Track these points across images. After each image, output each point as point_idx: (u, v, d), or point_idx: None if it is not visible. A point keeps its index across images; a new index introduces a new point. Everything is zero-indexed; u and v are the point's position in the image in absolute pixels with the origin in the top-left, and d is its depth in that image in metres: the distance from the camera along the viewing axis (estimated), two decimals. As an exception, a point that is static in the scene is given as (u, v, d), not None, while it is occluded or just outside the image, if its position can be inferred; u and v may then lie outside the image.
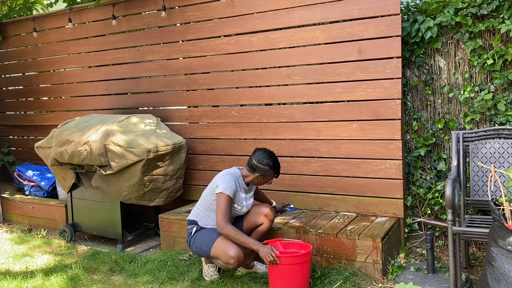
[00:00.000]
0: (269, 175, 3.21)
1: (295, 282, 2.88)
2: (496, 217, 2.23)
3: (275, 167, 3.22)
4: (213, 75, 4.25)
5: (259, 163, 3.18)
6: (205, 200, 3.24)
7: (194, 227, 3.22)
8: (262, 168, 3.17)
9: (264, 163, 3.17)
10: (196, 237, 3.16)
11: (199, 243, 3.14)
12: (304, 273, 2.91)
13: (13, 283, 3.26)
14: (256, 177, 3.21)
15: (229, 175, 3.17)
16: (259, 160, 3.18)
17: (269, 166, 3.18)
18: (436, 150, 3.66)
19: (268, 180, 3.25)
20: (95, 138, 3.84)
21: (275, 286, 2.93)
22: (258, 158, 3.19)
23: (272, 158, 3.21)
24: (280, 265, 2.87)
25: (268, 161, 3.18)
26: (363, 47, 3.55)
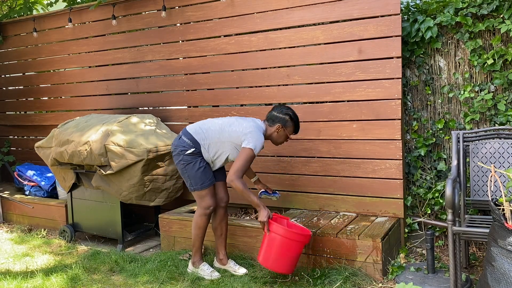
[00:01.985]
0: (289, 127, 3.22)
1: (281, 256, 2.98)
2: (496, 217, 2.22)
3: (296, 119, 3.24)
4: (213, 75, 4.25)
5: (279, 113, 3.22)
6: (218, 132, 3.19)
7: (192, 148, 3.17)
8: (282, 118, 3.20)
9: (284, 113, 3.21)
10: (190, 163, 3.16)
11: (191, 171, 3.16)
12: (292, 252, 2.99)
13: (13, 283, 3.26)
14: (277, 129, 3.21)
15: (260, 129, 3.16)
16: (279, 110, 3.23)
17: (289, 116, 3.20)
18: (436, 150, 3.66)
19: (287, 134, 3.23)
20: (95, 138, 3.84)
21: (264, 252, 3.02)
22: (278, 109, 3.24)
23: (291, 110, 3.25)
24: (272, 234, 2.98)
25: (288, 111, 3.22)
26: (363, 47, 3.55)
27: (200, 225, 3.28)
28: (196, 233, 3.31)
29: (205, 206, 3.24)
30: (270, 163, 4.00)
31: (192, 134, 3.21)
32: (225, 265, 3.38)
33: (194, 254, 3.35)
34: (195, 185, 3.21)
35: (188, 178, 3.21)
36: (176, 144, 3.24)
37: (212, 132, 3.20)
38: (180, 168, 3.23)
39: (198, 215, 3.28)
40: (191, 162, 3.18)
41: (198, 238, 3.32)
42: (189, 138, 3.20)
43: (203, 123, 3.29)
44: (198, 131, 3.22)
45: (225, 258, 3.39)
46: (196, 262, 3.34)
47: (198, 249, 3.34)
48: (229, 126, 3.19)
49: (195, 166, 3.18)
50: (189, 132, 3.23)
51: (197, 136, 3.20)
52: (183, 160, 3.19)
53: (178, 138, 3.26)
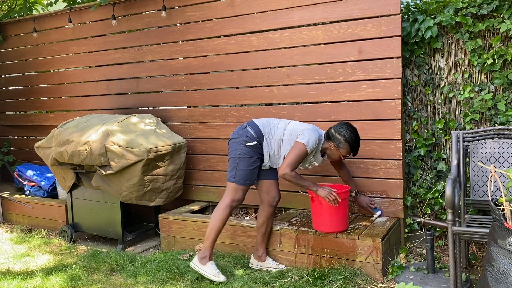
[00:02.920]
0: (343, 148, 3.11)
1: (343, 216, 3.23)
2: (496, 217, 2.22)
3: (351, 141, 3.08)
4: (213, 75, 4.25)
5: (336, 132, 3.11)
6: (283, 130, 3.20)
7: (254, 141, 3.16)
8: (337, 138, 3.10)
9: (340, 133, 3.09)
10: (245, 156, 3.14)
11: (242, 164, 3.14)
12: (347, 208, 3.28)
13: (13, 283, 3.26)
14: (330, 146, 3.15)
15: (317, 133, 3.13)
16: (337, 129, 3.12)
17: (344, 138, 3.08)
18: (436, 150, 3.66)
19: (342, 154, 3.13)
20: (95, 138, 3.84)
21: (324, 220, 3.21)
22: (336, 127, 3.13)
23: (350, 131, 3.09)
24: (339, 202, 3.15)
25: (345, 132, 3.08)
26: (363, 47, 3.55)
27: (223, 216, 3.17)
28: (215, 224, 3.17)
29: (235, 198, 3.20)
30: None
31: (259, 126, 3.20)
32: (264, 261, 3.36)
33: (206, 249, 3.15)
34: (238, 178, 3.16)
35: (235, 169, 3.17)
36: (238, 133, 3.21)
37: (278, 129, 3.22)
38: (233, 156, 3.18)
39: (223, 206, 3.18)
40: (247, 156, 3.16)
41: (216, 231, 3.18)
42: (255, 129, 3.19)
43: (271, 119, 3.30)
44: (265, 124, 3.24)
45: (264, 255, 3.38)
46: (206, 258, 3.15)
47: (212, 243, 3.17)
48: (292, 125, 3.22)
49: (249, 162, 3.16)
50: (255, 123, 3.23)
51: (264, 129, 3.20)
52: (240, 150, 3.16)
53: (242, 127, 3.24)
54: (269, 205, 3.34)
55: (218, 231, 3.20)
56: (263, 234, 3.36)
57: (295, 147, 3.09)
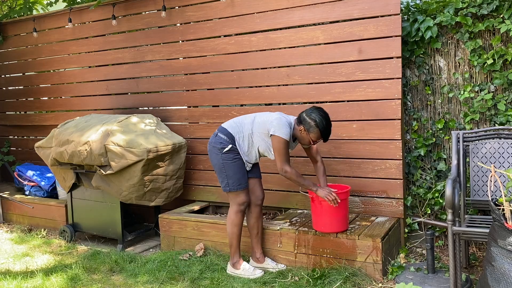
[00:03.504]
0: (313, 133, 3.05)
1: (343, 216, 3.22)
2: (496, 217, 2.22)
3: (321, 126, 3.02)
4: (213, 75, 4.25)
5: (307, 116, 3.06)
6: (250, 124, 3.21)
7: (229, 144, 3.17)
8: (308, 122, 3.04)
9: (311, 117, 3.03)
10: (228, 162, 3.16)
11: (230, 171, 3.16)
12: (347, 208, 3.27)
13: (13, 283, 3.26)
14: (300, 130, 3.09)
15: (284, 119, 3.10)
16: (308, 113, 3.06)
17: (314, 122, 3.01)
18: (436, 150, 3.66)
19: (311, 139, 3.08)
20: (95, 138, 3.84)
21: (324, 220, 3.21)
22: (308, 112, 3.08)
23: (322, 116, 3.03)
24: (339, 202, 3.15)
25: (316, 117, 3.02)
26: (363, 47, 3.55)
27: (236, 222, 3.24)
28: (233, 231, 3.26)
29: (241, 202, 3.23)
30: (270, 163, 3.99)
31: (227, 129, 3.22)
32: (263, 263, 3.36)
33: (233, 255, 3.29)
34: (232, 185, 3.19)
35: (226, 178, 3.18)
36: (213, 142, 3.22)
37: (246, 125, 3.22)
38: (219, 167, 3.20)
39: (233, 212, 3.24)
40: (230, 161, 3.17)
41: (236, 236, 3.26)
42: (225, 133, 3.20)
43: (237, 118, 3.31)
44: (233, 125, 3.24)
45: (262, 256, 3.38)
46: (237, 263, 3.28)
47: (237, 248, 3.29)
48: (259, 117, 3.22)
49: (235, 166, 3.18)
50: (224, 127, 3.24)
51: (232, 130, 3.21)
52: (222, 159, 3.17)
53: (214, 136, 3.25)
54: (255, 205, 3.34)
55: (238, 236, 3.28)
56: (256, 235, 3.37)
57: (275, 142, 3.06)
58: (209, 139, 4.30)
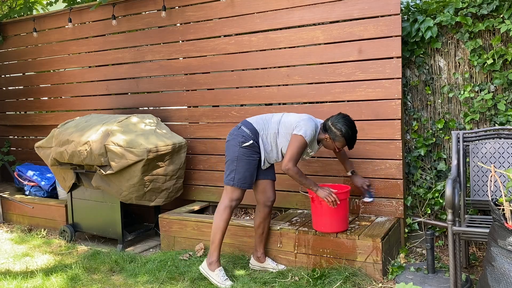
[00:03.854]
0: (338, 141, 3.09)
1: (344, 216, 3.22)
2: (496, 217, 2.22)
3: (347, 136, 3.06)
4: (213, 75, 4.25)
5: (333, 125, 3.07)
6: (277, 123, 3.17)
7: (250, 140, 3.12)
8: (333, 132, 3.07)
9: (337, 127, 3.06)
10: (243, 158, 3.10)
11: (240, 167, 3.10)
12: (347, 209, 3.28)
13: (13, 283, 3.26)
14: (325, 138, 3.13)
15: (313, 122, 3.11)
16: (334, 122, 3.08)
17: (340, 132, 3.05)
18: (436, 150, 3.66)
19: (337, 147, 3.12)
20: (95, 138, 3.84)
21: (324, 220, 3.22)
22: (334, 120, 3.09)
23: (348, 126, 3.05)
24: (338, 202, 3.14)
25: (342, 127, 3.04)
26: (363, 47, 3.55)
27: (224, 217, 3.14)
28: (218, 225, 3.14)
29: (234, 198, 3.15)
30: (270, 163, 4.00)
31: (253, 124, 3.18)
32: (263, 263, 3.36)
33: (212, 253, 3.15)
34: (236, 181, 3.12)
35: (235, 171, 3.12)
36: (234, 134, 3.17)
37: (272, 123, 3.19)
38: (231, 158, 3.14)
39: (223, 207, 3.15)
40: (245, 157, 3.11)
41: (220, 231, 3.14)
42: (250, 128, 3.16)
43: (263, 115, 3.27)
44: (259, 121, 3.20)
45: (263, 256, 3.37)
46: (213, 264, 3.14)
47: (217, 246, 3.15)
48: (286, 117, 3.19)
49: (248, 163, 3.13)
50: (249, 122, 3.20)
51: (258, 126, 3.17)
52: (237, 152, 3.12)
53: (237, 128, 3.20)
54: (264, 205, 3.31)
55: (222, 233, 3.16)
56: (261, 235, 3.36)
57: (294, 140, 3.04)
58: (209, 139, 4.32)
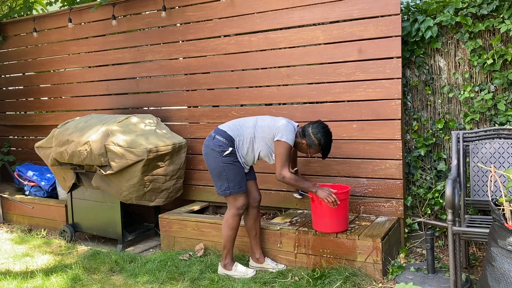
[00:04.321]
0: (314, 149, 3.18)
1: (344, 216, 3.22)
2: (496, 217, 2.22)
3: (324, 147, 3.16)
4: (213, 75, 4.25)
5: (313, 134, 3.14)
6: (252, 128, 3.19)
7: (229, 147, 3.14)
8: (312, 140, 3.13)
9: (317, 137, 3.13)
10: (229, 165, 3.13)
11: (230, 174, 3.13)
12: (347, 209, 3.27)
13: (13, 283, 3.26)
14: (302, 143, 3.18)
15: (291, 125, 3.15)
16: (315, 132, 3.14)
17: (319, 142, 3.13)
18: (436, 150, 3.66)
19: (310, 152, 3.21)
20: (95, 138, 3.84)
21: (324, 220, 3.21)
22: (314, 130, 3.15)
23: (327, 137, 3.15)
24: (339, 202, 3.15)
25: (321, 138, 3.13)
26: (363, 47, 3.55)
27: (233, 225, 3.23)
28: (228, 234, 3.23)
29: (239, 205, 3.20)
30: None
31: (227, 131, 3.18)
32: (263, 263, 3.36)
33: (225, 257, 3.28)
34: (233, 189, 3.16)
35: (226, 181, 3.15)
36: (211, 145, 3.16)
37: (247, 129, 3.20)
38: (218, 170, 3.15)
39: (230, 216, 3.22)
40: (230, 164, 3.15)
41: (231, 239, 3.25)
42: (224, 136, 3.17)
43: (236, 121, 3.27)
44: (232, 128, 3.21)
45: (262, 257, 3.38)
46: (228, 264, 3.28)
47: (230, 251, 3.28)
48: (262, 121, 3.21)
49: (236, 169, 3.16)
50: (222, 130, 3.20)
51: (232, 133, 3.18)
52: (222, 162, 3.13)
53: (211, 138, 3.19)
54: (252, 206, 3.33)
55: (233, 239, 3.27)
56: (255, 236, 3.37)
57: (279, 147, 3.09)
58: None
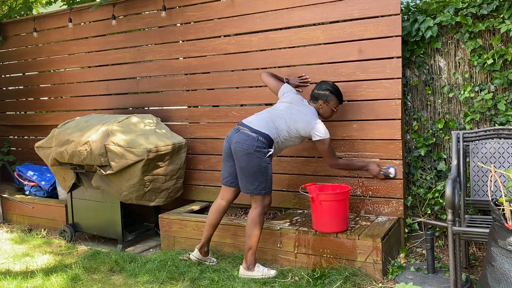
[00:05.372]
0: (332, 101, 3.37)
1: (344, 216, 3.24)
2: (496, 217, 2.22)
3: (336, 91, 3.37)
4: (213, 75, 4.25)
5: (319, 90, 3.37)
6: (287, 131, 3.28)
7: (271, 150, 3.19)
8: (323, 95, 3.35)
9: (323, 89, 3.36)
10: (270, 166, 3.19)
11: (269, 174, 3.18)
12: (347, 208, 3.29)
13: (13, 283, 3.26)
14: (320, 105, 3.37)
15: (318, 118, 3.31)
16: (318, 88, 3.38)
17: (329, 91, 3.35)
18: (436, 150, 3.66)
19: (332, 107, 3.39)
20: (95, 138, 3.84)
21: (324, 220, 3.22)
22: (317, 88, 3.39)
23: (330, 84, 3.39)
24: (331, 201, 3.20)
25: (327, 86, 3.36)
26: (363, 47, 3.55)
27: (261, 225, 3.20)
28: (257, 233, 3.18)
29: (267, 204, 3.23)
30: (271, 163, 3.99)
31: (270, 135, 3.19)
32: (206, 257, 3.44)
33: (249, 258, 3.19)
34: (268, 188, 3.20)
35: (265, 181, 3.17)
36: (255, 146, 3.12)
37: (282, 131, 3.28)
38: (260, 170, 3.14)
39: (258, 214, 3.18)
40: (269, 166, 3.20)
41: (258, 239, 3.20)
42: (268, 139, 3.19)
43: (271, 120, 3.27)
44: (272, 130, 3.22)
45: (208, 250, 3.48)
46: (251, 266, 3.20)
47: (255, 251, 3.21)
48: (294, 124, 3.29)
49: (271, 170, 3.22)
50: (265, 133, 3.18)
51: (273, 136, 3.22)
52: (266, 162, 3.16)
53: (255, 139, 3.13)
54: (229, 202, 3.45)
55: (258, 239, 3.23)
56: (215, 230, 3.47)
57: (323, 146, 3.29)
58: (209, 139, 4.31)
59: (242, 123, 3.28)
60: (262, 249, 3.45)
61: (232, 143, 3.21)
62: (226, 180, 3.37)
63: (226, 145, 3.30)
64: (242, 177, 3.20)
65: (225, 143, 3.31)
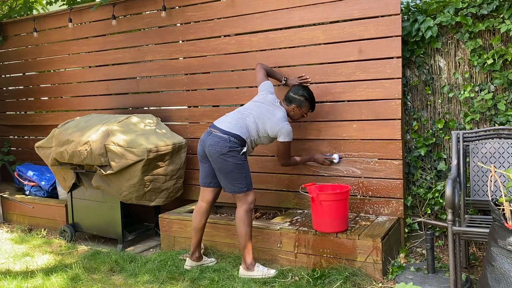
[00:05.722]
0: (304, 107, 3.44)
1: (344, 216, 3.24)
2: (496, 217, 2.23)
3: (310, 99, 3.44)
4: (213, 75, 4.25)
5: (295, 94, 3.42)
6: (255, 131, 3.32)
7: (244, 148, 3.23)
8: (298, 99, 3.41)
9: (299, 94, 3.41)
10: (245, 163, 3.24)
11: (247, 171, 3.23)
12: (347, 208, 3.29)
13: (13, 283, 3.26)
14: (293, 108, 3.43)
15: (286, 121, 3.36)
16: (295, 92, 3.43)
17: (304, 97, 3.41)
18: (436, 150, 3.66)
19: (303, 112, 3.47)
20: (95, 138, 3.84)
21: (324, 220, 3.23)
22: (294, 91, 3.45)
23: (307, 90, 3.44)
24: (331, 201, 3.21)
25: (303, 92, 3.42)
26: (364, 47, 3.55)
27: (250, 222, 3.22)
28: (247, 231, 3.19)
29: (251, 200, 3.25)
30: (269, 163, 4.00)
31: (240, 135, 3.23)
32: (200, 262, 3.43)
33: (246, 257, 3.20)
34: (249, 185, 3.25)
35: (244, 178, 3.21)
36: (228, 147, 3.15)
37: (252, 131, 3.33)
38: (237, 169, 3.18)
39: (244, 212, 3.20)
40: (245, 162, 3.25)
41: (250, 236, 3.21)
42: (239, 139, 3.22)
43: (241, 119, 3.30)
44: (243, 130, 3.26)
45: (201, 255, 3.47)
46: (251, 265, 3.20)
47: (250, 250, 3.21)
48: (263, 123, 3.34)
49: (248, 166, 3.27)
50: (235, 133, 3.21)
51: (244, 135, 3.26)
52: (241, 160, 3.20)
53: (226, 140, 3.16)
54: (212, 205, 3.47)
55: (251, 238, 3.24)
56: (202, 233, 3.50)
57: (283, 147, 3.39)
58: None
59: (213, 125, 3.30)
60: (262, 249, 3.45)
61: (205, 146, 3.24)
62: (204, 181, 3.39)
63: (200, 148, 3.32)
64: (222, 177, 3.24)
65: (199, 146, 3.32)
